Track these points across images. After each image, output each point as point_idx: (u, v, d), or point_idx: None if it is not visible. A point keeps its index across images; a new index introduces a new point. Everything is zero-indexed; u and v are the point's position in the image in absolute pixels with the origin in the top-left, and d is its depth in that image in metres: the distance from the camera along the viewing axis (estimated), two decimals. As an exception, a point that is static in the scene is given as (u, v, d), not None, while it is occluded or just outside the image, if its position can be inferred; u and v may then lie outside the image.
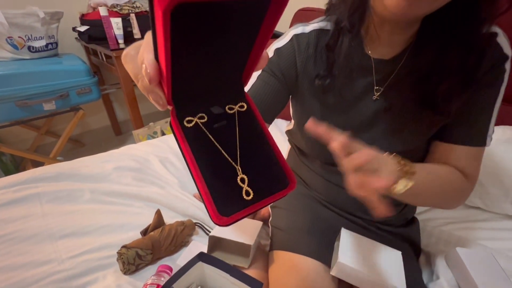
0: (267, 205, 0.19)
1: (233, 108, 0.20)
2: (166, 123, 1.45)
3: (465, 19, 0.35)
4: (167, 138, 0.96)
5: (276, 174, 0.19)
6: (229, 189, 0.18)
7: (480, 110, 0.40)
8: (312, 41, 0.45)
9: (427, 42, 0.38)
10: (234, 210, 0.17)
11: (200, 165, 0.17)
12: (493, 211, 0.61)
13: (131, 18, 1.38)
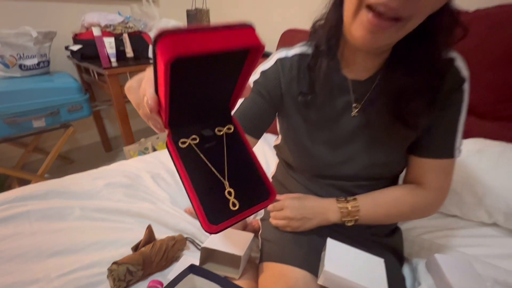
0: (251, 215, 0.21)
1: (221, 130, 0.23)
2: (157, 139, 1.46)
3: (425, 46, 0.39)
4: (158, 154, 0.97)
5: (259, 187, 0.22)
6: (218, 201, 0.20)
7: (446, 127, 0.45)
8: (294, 64, 0.50)
9: (396, 66, 0.42)
10: (222, 219, 0.19)
11: (193, 180, 0.20)
12: (470, 219, 0.65)
13: (123, 38, 1.42)
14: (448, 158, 0.46)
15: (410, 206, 0.50)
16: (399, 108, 0.43)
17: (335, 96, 0.48)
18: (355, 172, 0.51)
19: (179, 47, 0.15)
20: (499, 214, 0.59)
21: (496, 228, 0.63)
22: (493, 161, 0.64)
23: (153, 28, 1.71)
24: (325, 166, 0.52)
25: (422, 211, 0.51)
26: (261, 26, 1.79)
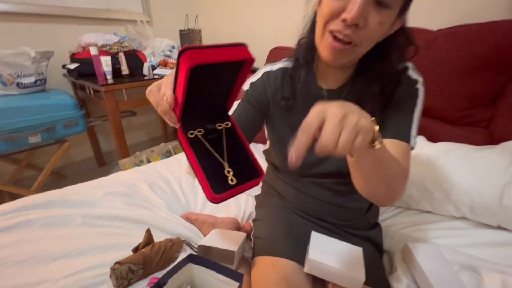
0: (246, 190, 0.27)
1: (221, 125, 0.29)
2: (152, 152, 1.50)
3: (381, 62, 0.48)
4: (154, 165, 1.02)
5: (251, 168, 0.28)
6: (219, 178, 0.26)
7: (403, 115, 0.50)
8: (278, 76, 0.58)
9: (358, 78, 0.50)
10: (223, 190, 0.25)
11: (199, 162, 0.26)
12: (441, 213, 0.71)
13: (119, 56, 1.49)
14: (404, 142, 0.49)
15: (402, 170, 0.49)
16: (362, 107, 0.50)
17: (313, 102, 0.55)
18: (333, 169, 0.58)
19: (196, 58, 0.22)
20: (465, 207, 0.67)
21: (464, 220, 0.69)
22: (458, 161, 0.72)
23: (148, 47, 1.79)
24: (307, 166, 0.59)
25: (400, 183, 0.49)
26: (250, 44, 1.90)
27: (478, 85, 0.88)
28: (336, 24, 0.41)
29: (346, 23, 0.40)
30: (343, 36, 0.41)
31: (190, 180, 0.95)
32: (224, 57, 0.23)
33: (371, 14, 0.40)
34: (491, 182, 0.64)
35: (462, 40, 0.89)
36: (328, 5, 0.42)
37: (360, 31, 0.40)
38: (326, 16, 0.42)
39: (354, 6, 0.38)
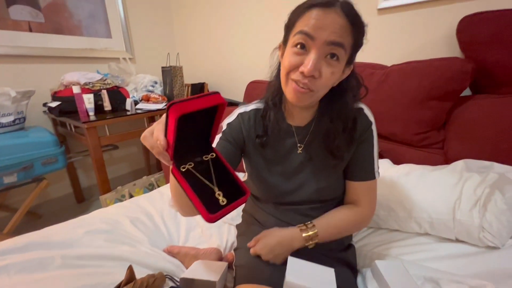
0: (237, 207, 0.31)
1: (207, 157, 0.34)
2: (134, 185, 1.50)
3: (339, 102, 0.56)
4: (136, 199, 1.03)
5: (237, 188, 0.33)
6: (212, 200, 0.30)
7: (364, 157, 0.61)
8: (252, 116, 0.65)
9: (322, 116, 0.59)
10: (216, 211, 0.29)
11: (193, 190, 0.30)
12: (406, 230, 0.78)
13: (102, 94, 1.54)
14: (371, 180, 0.61)
15: (353, 222, 0.63)
16: (328, 145, 0.58)
17: (284, 138, 0.63)
18: (306, 196, 0.64)
19: (181, 109, 0.28)
20: (425, 224, 0.74)
21: (428, 236, 0.76)
22: (416, 182, 0.80)
23: (130, 83, 1.86)
24: (282, 194, 0.64)
25: (360, 224, 0.66)
26: (228, 79, 2.03)
27: (428, 112, 1.00)
28: (296, 74, 0.50)
29: (304, 75, 0.48)
30: (303, 84, 0.50)
31: (172, 213, 0.97)
32: (203, 105, 0.29)
33: (324, 67, 0.49)
34: (444, 199, 0.73)
35: (410, 74, 1.04)
36: (289, 59, 0.50)
37: (316, 81, 0.49)
38: (287, 68, 0.51)
39: (309, 62, 0.47)
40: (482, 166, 0.87)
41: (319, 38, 0.47)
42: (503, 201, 0.71)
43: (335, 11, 0.46)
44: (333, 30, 0.46)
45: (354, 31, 0.48)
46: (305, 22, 0.48)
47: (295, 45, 0.49)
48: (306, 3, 0.49)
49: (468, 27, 0.98)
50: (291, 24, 0.51)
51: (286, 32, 0.54)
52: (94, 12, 1.84)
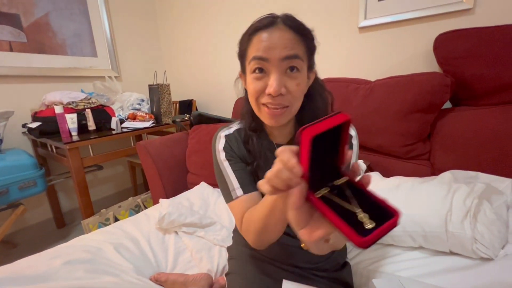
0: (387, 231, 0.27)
1: (339, 181, 0.32)
2: (119, 207, 1.43)
3: (310, 106, 0.56)
4: (121, 224, 0.97)
5: (384, 210, 0.29)
6: (358, 225, 0.27)
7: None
8: (236, 136, 0.62)
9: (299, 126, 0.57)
10: (367, 234, 0.26)
11: (337, 214, 0.28)
12: (401, 245, 0.77)
13: (86, 113, 1.50)
14: None
15: None
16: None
17: (270, 156, 0.61)
18: None
19: (313, 131, 0.28)
20: (419, 237, 0.73)
21: (423, 250, 0.75)
22: (407, 194, 0.80)
23: (116, 102, 1.83)
24: None
25: None
26: (216, 96, 2.04)
27: (413, 124, 1.03)
28: (265, 98, 0.50)
29: (272, 96, 0.48)
30: (275, 105, 0.49)
31: (159, 237, 0.92)
32: (330, 124, 0.29)
33: (288, 81, 0.49)
34: (435, 211, 0.72)
35: (393, 88, 1.07)
36: (253, 86, 0.50)
37: (285, 97, 0.49)
38: (254, 94, 0.51)
39: (273, 82, 0.47)
40: (468, 176, 0.88)
41: (273, 58, 0.47)
42: (492, 211, 0.72)
43: (278, 28, 0.48)
44: (283, 45, 0.47)
45: (302, 39, 0.49)
46: (255, 47, 0.49)
47: (253, 71, 0.50)
48: (250, 29, 0.50)
49: (444, 43, 1.03)
50: (243, 53, 0.53)
51: (241, 61, 0.55)
52: (79, 31, 1.83)
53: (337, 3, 1.36)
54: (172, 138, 1.48)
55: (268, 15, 0.50)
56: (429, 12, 1.13)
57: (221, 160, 0.60)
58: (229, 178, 0.59)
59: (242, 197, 0.56)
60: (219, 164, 0.60)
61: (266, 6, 1.60)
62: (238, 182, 0.58)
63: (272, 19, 0.48)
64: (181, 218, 0.92)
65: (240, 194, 0.57)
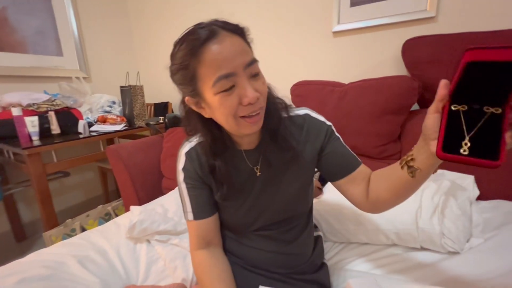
0: (473, 164, 0.29)
1: (489, 109, 0.30)
2: (87, 217, 1.33)
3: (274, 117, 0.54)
4: (87, 234, 0.90)
5: (492, 150, 0.28)
6: (455, 144, 0.30)
7: (340, 150, 0.58)
8: (198, 150, 0.58)
9: (266, 132, 0.55)
10: (450, 153, 0.30)
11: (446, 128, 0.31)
12: (375, 243, 0.78)
13: (49, 115, 1.39)
14: (359, 165, 0.58)
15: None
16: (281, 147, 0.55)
17: (239, 165, 0.58)
18: (276, 217, 0.61)
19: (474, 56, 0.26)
20: (392, 235, 0.75)
21: (396, 247, 0.77)
22: (380, 193, 0.82)
23: (84, 104, 1.72)
24: (251, 222, 0.61)
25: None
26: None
27: (385, 125, 1.07)
28: (244, 110, 0.46)
29: (252, 103, 0.45)
30: (256, 112, 0.47)
31: (130, 246, 0.86)
32: (503, 57, 0.26)
33: (255, 84, 0.46)
34: (406, 209, 0.75)
35: (366, 91, 1.10)
36: (228, 104, 0.45)
37: (261, 99, 0.47)
38: (231, 112, 0.45)
39: (247, 89, 0.44)
40: (436, 174, 0.93)
41: (237, 68, 0.44)
42: (458, 207, 0.76)
43: (223, 35, 0.43)
44: (239, 52, 0.44)
45: (245, 40, 0.48)
46: (213, 65, 0.43)
47: (223, 90, 0.44)
48: (190, 46, 0.43)
49: (410, 49, 1.08)
50: (192, 74, 0.45)
51: (191, 83, 0.46)
52: (42, 28, 1.70)
53: (312, 8, 1.39)
54: (145, 141, 1.41)
55: (199, 27, 0.44)
56: (397, 19, 1.18)
57: (179, 181, 0.60)
58: (184, 201, 0.60)
59: (192, 222, 0.60)
60: (178, 184, 0.61)
61: (243, 6, 1.59)
62: (191, 207, 0.60)
63: (211, 29, 0.43)
64: (153, 226, 0.87)
65: (191, 219, 0.60)
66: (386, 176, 0.52)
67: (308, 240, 0.68)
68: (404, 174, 0.44)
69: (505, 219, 0.77)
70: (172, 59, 0.48)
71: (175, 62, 0.47)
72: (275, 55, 1.55)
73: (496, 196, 0.89)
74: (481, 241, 0.71)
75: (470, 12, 1.06)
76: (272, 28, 1.52)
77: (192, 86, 0.47)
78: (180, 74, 0.47)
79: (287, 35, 1.49)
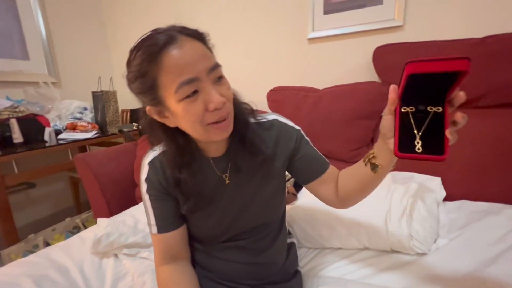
0: (426, 160, 0.33)
1: (432, 109, 0.34)
2: (53, 231, 1.25)
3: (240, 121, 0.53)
4: (47, 251, 0.83)
5: (439, 147, 0.33)
6: (409, 144, 0.34)
7: (309, 153, 0.59)
8: (162, 160, 0.55)
9: (234, 138, 0.54)
10: (406, 152, 0.33)
11: (399, 128, 0.34)
12: (348, 248, 0.79)
13: (10, 123, 1.29)
14: (329, 166, 0.59)
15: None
16: (250, 150, 0.54)
17: (207, 174, 0.56)
18: (246, 225, 0.59)
19: (414, 68, 0.30)
20: (364, 239, 0.75)
21: (368, 250, 0.78)
22: (352, 197, 0.83)
23: (53, 110, 1.63)
24: (221, 232, 0.59)
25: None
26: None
27: (358, 130, 1.09)
28: (211, 116, 0.44)
29: (218, 108, 0.44)
30: (223, 117, 0.46)
31: (95, 262, 0.81)
32: (440, 68, 0.29)
33: (220, 89, 0.45)
34: (377, 212, 0.76)
35: (339, 96, 1.13)
36: (193, 111, 0.43)
37: (227, 104, 0.46)
38: (197, 119, 0.44)
39: (212, 95, 0.43)
40: (405, 176, 0.96)
41: (200, 73, 0.42)
42: (425, 209, 0.78)
43: (182, 40, 0.42)
44: (201, 57, 0.43)
45: (207, 45, 0.47)
46: (174, 71, 0.41)
47: (186, 96, 0.42)
48: (148, 52, 0.42)
49: (380, 56, 1.12)
50: (152, 81, 0.43)
51: (151, 92, 0.44)
52: (5, 30, 1.59)
53: (289, 15, 1.41)
54: (117, 149, 1.36)
55: (156, 32, 0.43)
56: (367, 27, 1.23)
57: (142, 192, 0.57)
58: (148, 213, 0.58)
59: (156, 236, 0.57)
60: (142, 195, 0.58)
61: (224, 8, 1.59)
62: (155, 219, 0.57)
63: (169, 34, 0.42)
64: (121, 239, 0.82)
65: (155, 232, 0.57)
66: (352, 174, 0.55)
67: (282, 247, 0.67)
68: (367, 171, 0.47)
69: (468, 218, 0.80)
70: (129, 66, 0.45)
71: (132, 70, 0.44)
72: (252, 61, 1.55)
73: (461, 196, 0.93)
74: (446, 241, 0.73)
75: (433, 22, 1.11)
76: (249, 35, 1.53)
77: (152, 94, 0.45)
78: (138, 82, 0.44)
79: (264, 42, 1.50)
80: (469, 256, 0.67)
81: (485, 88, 0.92)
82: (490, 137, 0.90)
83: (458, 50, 0.95)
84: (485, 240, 0.71)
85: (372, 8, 1.20)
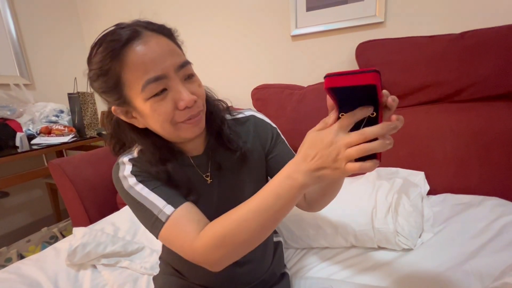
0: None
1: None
2: (27, 242, 1.17)
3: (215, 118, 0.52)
4: (17, 266, 0.77)
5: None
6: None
7: (285, 150, 0.58)
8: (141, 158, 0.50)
9: (211, 136, 0.53)
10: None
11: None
12: (335, 246, 0.78)
13: (-23, 129, 1.20)
14: None
15: None
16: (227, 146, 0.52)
17: (188, 174, 0.53)
18: None
19: (331, 83, 0.29)
20: (350, 237, 0.75)
21: (355, 249, 0.77)
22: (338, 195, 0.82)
23: (25, 114, 1.53)
24: None
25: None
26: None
27: (343, 127, 1.09)
28: (181, 115, 0.42)
29: (189, 106, 0.42)
30: (195, 114, 0.44)
31: (71, 275, 0.76)
32: (352, 82, 0.28)
33: (191, 87, 0.43)
34: (362, 210, 0.76)
35: (323, 93, 1.11)
36: (162, 110, 0.41)
37: (199, 102, 0.44)
38: (168, 118, 0.42)
39: (182, 93, 0.41)
40: (390, 172, 0.96)
41: (168, 70, 0.40)
42: (410, 204, 0.78)
43: (148, 36, 0.40)
44: (168, 53, 0.41)
45: (175, 41, 0.45)
46: (140, 67, 0.39)
47: (154, 95, 0.40)
48: (113, 46, 0.39)
49: (363, 52, 1.12)
50: (115, 79, 0.40)
51: (116, 90, 0.41)
52: (-32, 30, 1.49)
53: (272, 12, 1.39)
54: (96, 153, 1.29)
55: (118, 27, 0.40)
56: (349, 24, 1.22)
57: (130, 186, 0.47)
58: (149, 201, 0.46)
59: (176, 213, 0.44)
60: (129, 193, 0.47)
61: (206, 5, 1.54)
62: (162, 199, 0.46)
63: (133, 29, 0.39)
64: (99, 249, 0.77)
65: (172, 211, 0.44)
66: None
67: (268, 245, 0.65)
68: None
69: (451, 212, 0.81)
70: (90, 64, 0.42)
71: (93, 67, 0.41)
72: (236, 59, 1.52)
73: (444, 190, 0.94)
74: (431, 235, 0.74)
75: (414, 18, 1.13)
76: (232, 33, 1.50)
77: (117, 93, 0.42)
78: (100, 81, 0.41)
79: (247, 39, 1.47)
80: (453, 250, 0.67)
81: (464, 83, 0.94)
82: (470, 131, 0.92)
83: (438, 46, 0.96)
84: (467, 232, 0.72)
85: (353, 5, 1.20)
